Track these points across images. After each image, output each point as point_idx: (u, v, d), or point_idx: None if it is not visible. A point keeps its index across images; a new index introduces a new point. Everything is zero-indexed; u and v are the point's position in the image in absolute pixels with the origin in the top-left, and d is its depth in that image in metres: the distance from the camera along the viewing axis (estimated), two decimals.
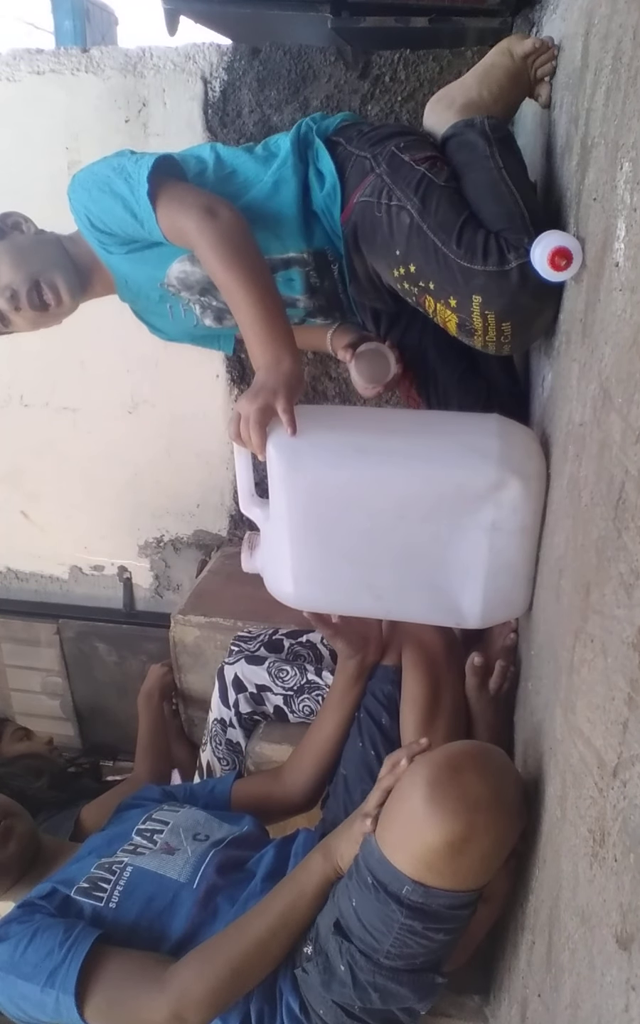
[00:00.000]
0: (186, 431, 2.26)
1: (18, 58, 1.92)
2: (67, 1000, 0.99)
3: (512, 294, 1.06)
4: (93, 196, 1.26)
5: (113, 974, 1.01)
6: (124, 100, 1.90)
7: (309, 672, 1.58)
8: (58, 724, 2.71)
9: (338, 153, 1.27)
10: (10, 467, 2.45)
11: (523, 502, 1.06)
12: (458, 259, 1.10)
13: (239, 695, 1.61)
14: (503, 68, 1.26)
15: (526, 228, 1.09)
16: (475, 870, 0.89)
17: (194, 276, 1.34)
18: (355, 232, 1.26)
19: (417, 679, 1.24)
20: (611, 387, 0.69)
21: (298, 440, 1.09)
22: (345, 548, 1.14)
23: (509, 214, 1.11)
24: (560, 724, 0.82)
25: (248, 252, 1.17)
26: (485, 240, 1.09)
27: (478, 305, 1.09)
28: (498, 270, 1.07)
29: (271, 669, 1.60)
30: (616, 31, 0.76)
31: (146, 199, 1.19)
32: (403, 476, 1.09)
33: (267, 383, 1.08)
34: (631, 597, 0.58)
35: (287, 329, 1.15)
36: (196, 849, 1.19)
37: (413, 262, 1.16)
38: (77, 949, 1.01)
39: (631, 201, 0.66)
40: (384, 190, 1.19)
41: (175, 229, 1.20)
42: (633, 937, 0.53)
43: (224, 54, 1.83)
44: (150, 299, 1.44)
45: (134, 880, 1.13)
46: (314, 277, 1.35)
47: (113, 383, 2.23)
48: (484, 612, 1.15)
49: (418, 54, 1.76)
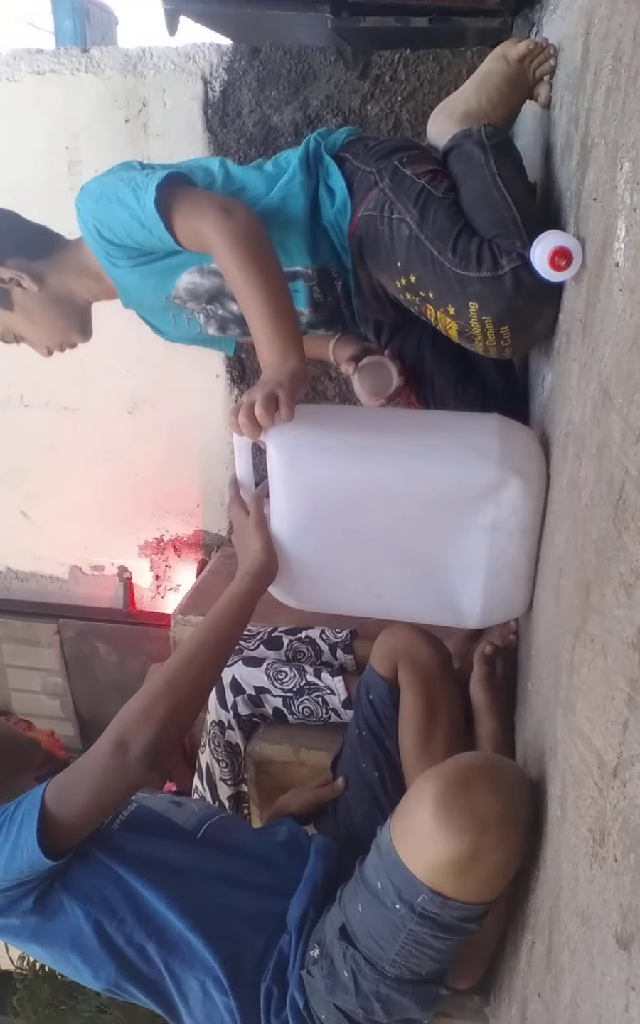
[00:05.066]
0: (186, 431, 2.26)
1: (18, 58, 1.92)
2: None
3: (507, 298, 1.07)
4: (101, 206, 1.27)
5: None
6: (124, 100, 1.90)
7: (308, 673, 1.57)
8: (58, 724, 2.71)
9: (346, 168, 1.29)
10: (10, 467, 2.45)
11: (523, 502, 1.06)
12: (454, 267, 1.11)
13: (237, 697, 1.59)
14: (500, 74, 1.27)
15: (519, 233, 1.10)
16: (485, 885, 0.89)
17: (203, 287, 1.35)
18: (360, 245, 1.28)
19: (413, 697, 1.26)
20: (611, 387, 0.69)
21: (299, 439, 1.10)
22: (345, 547, 1.14)
23: (501, 221, 1.12)
24: (560, 724, 0.82)
25: (263, 251, 1.17)
26: (479, 248, 1.10)
27: (475, 311, 1.10)
28: (492, 275, 1.08)
29: (269, 671, 1.58)
30: (616, 31, 0.76)
31: (151, 206, 1.19)
32: (403, 475, 1.09)
33: (272, 378, 1.09)
34: (631, 597, 0.58)
35: (295, 329, 1.15)
36: (203, 808, 1.22)
37: (413, 272, 1.18)
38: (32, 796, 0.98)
39: (631, 201, 0.66)
40: (386, 204, 1.21)
41: (192, 232, 1.20)
42: (633, 937, 0.53)
43: (224, 54, 1.83)
44: (154, 308, 1.45)
45: (139, 814, 1.13)
46: (317, 292, 1.37)
47: (113, 383, 2.23)
48: (484, 612, 1.15)
49: (418, 54, 1.76)
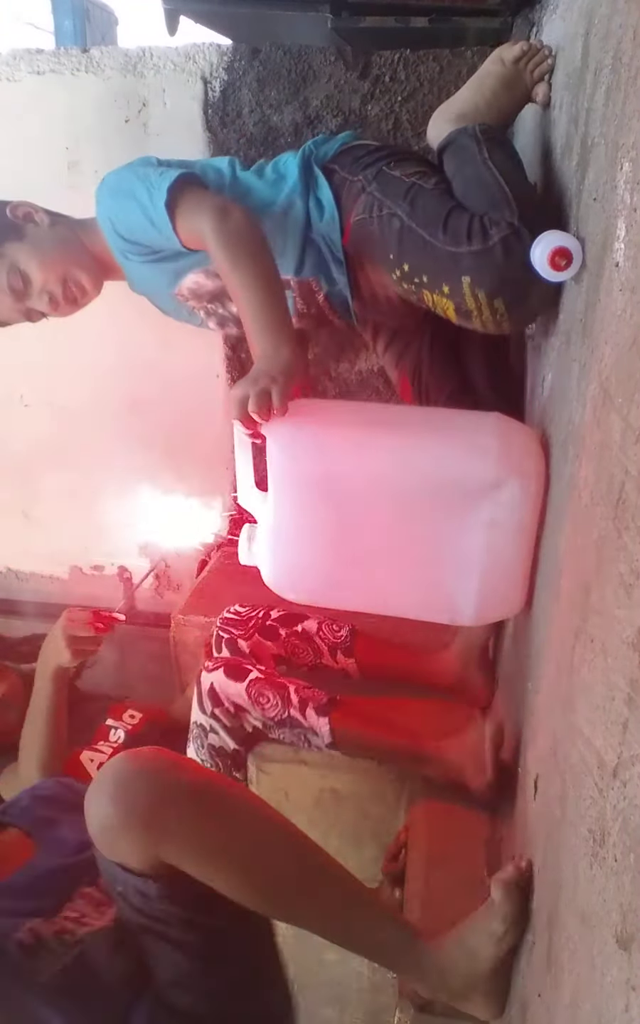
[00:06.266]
0: (186, 431, 2.26)
1: (18, 58, 1.92)
2: None
3: (498, 269, 1.06)
4: (116, 201, 1.29)
5: None
6: (124, 100, 1.90)
7: (292, 706, 1.41)
8: None
9: (334, 181, 1.30)
10: (10, 467, 2.45)
11: (522, 500, 1.06)
12: (445, 246, 1.11)
13: (216, 708, 1.47)
14: (496, 75, 1.28)
15: (508, 204, 1.09)
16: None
17: (206, 287, 1.38)
18: (357, 250, 1.29)
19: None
20: (611, 387, 0.69)
21: (298, 434, 1.10)
22: (342, 541, 1.14)
23: (491, 196, 1.12)
24: (560, 724, 0.82)
25: (256, 249, 1.19)
26: (469, 223, 1.09)
27: (468, 286, 1.09)
28: (482, 247, 1.07)
29: (251, 690, 1.43)
30: (616, 31, 0.76)
31: (163, 207, 1.22)
32: (401, 471, 1.09)
33: (265, 370, 1.09)
34: (631, 597, 0.58)
35: (288, 321, 1.16)
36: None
37: (406, 261, 1.18)
38: None
39: (631, 201, 0.66)
40: (375, 204, 1.23)
41: (191, 232, 1.23)
42: (633, 937, 0.53)
43: (224, 54, 1.83)
44: (161, 298, 1.49)
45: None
46: (300, 303, 1.38)
47: (113, 383, 2.23)
48: (479, 609, 1.15)
49: (418, 54, 1.76)
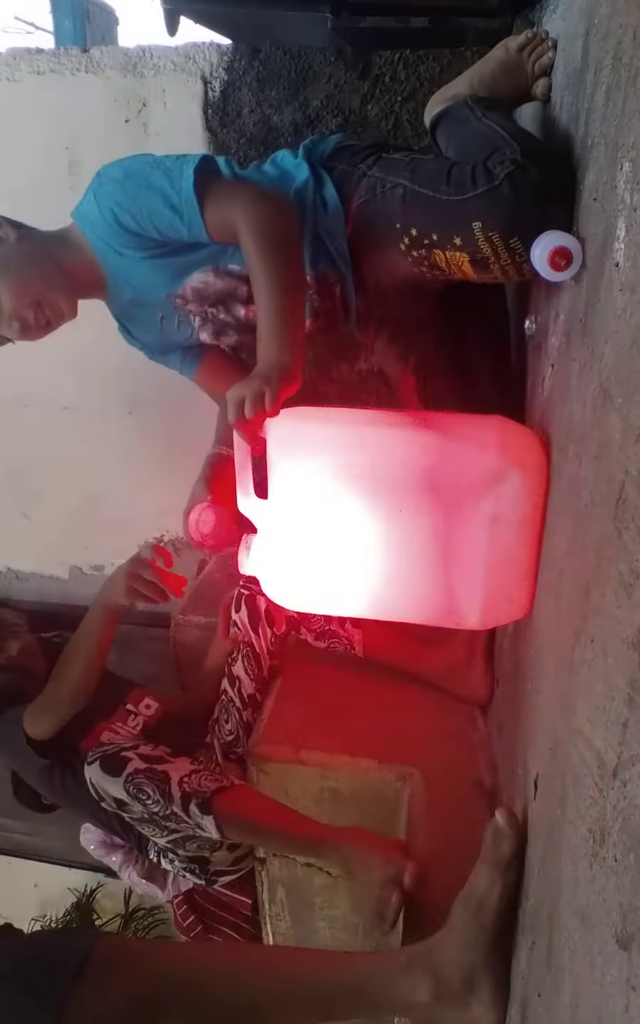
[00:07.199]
0: (186, 431, 2.25)
1: (18, 58, 1.92)
2: None
3: (508, 205, 1.03)
4: (127, 190, 1.20)
5: None
6: (124, 100, 1.90)
7: (174, 803, 1.29)
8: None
9: (335, 176, 1.29)
10: (10, 467, 2.45)
11: (523, 494, 1.05)
12: (451, 197, 1.09)
13: (101, 803, 1.37)
14: (497, 60, 1.28)
15: (507, 143, 1.07)
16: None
17: (213, 287, 1.33)
18: (360, 235, 1.27)
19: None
20: (611, 387, 0.69)
21: (298, 431, 1.10)
22: (342, 542, 1.14)
23: (491, 142, 1.10)
24: (560, 724, 0.82)
25: (288, 240, 1.16)
26: (472, 170, 1.07)
27: (480, 231, 1.06)
28: (488, 188, 1.04)
29: (129, 786, 1.31)
30: (616, 31, 0.76)
31: (191, 191, 1.16)
32: (401, 470, 1.09)
33: (263, 373, 1.08)
34: (631, 597, 0.58)
35: (299, 328, 1.14)
36: None
37: (413, 225, 1.15)
38: None
39: (631, 201, 0.66)
40: (377, 183, 1.21)
41: (222, 219, 1.18)
42: (633, 937, 0.53)
43: (224, 54, 1.83)
44: (143, 306, 1.41)
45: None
46: (316, 300, 1.36)
47: (113, 383, 2.23)
48: (484, 610, 1.14)
49: (418, 54, 1.76)
